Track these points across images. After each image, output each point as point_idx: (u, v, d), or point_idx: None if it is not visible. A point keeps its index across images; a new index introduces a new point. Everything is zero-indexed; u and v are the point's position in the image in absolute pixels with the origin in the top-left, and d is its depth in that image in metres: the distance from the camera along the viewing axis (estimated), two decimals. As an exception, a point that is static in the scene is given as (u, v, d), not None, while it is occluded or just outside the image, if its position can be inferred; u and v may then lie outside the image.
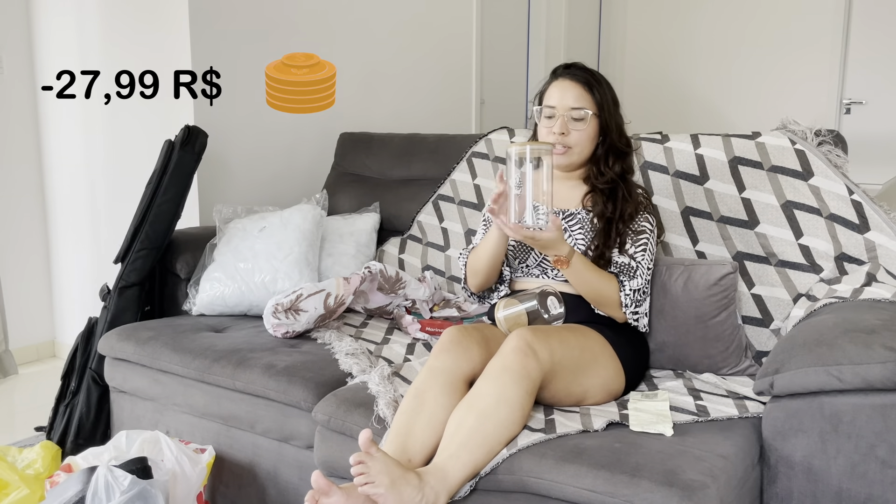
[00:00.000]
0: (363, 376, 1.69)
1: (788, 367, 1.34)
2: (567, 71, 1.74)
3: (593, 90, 1.71)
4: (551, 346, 1.46)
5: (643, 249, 1.69)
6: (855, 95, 4.67)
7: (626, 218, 1.70)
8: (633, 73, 5.44)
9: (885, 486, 1.27)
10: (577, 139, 1.71)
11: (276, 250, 2.21)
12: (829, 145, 1.82)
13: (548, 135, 1.72)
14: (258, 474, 1.82)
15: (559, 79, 1.74)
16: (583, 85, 1.71)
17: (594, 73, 1.74)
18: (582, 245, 1.70)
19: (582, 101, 1.70)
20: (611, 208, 1.71)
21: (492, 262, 1.71)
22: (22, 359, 3.18)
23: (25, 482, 1.76)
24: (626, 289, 1.66)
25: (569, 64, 1.76)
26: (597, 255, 1.68)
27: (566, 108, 1.69)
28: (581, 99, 1.70)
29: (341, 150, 2.85)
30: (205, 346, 1.92)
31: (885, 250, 1.70)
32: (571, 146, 1.71)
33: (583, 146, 1.72)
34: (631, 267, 1.66)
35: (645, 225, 1.72)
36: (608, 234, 1.69)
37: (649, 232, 1.72)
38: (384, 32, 3.36)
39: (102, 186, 2.98)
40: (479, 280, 1.77)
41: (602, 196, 1.73)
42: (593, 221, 1.72)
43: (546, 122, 1.72)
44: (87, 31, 2.90)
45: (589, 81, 1.71)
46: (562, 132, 1.69)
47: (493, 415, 1.36)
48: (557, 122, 1.69)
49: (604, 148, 1.74)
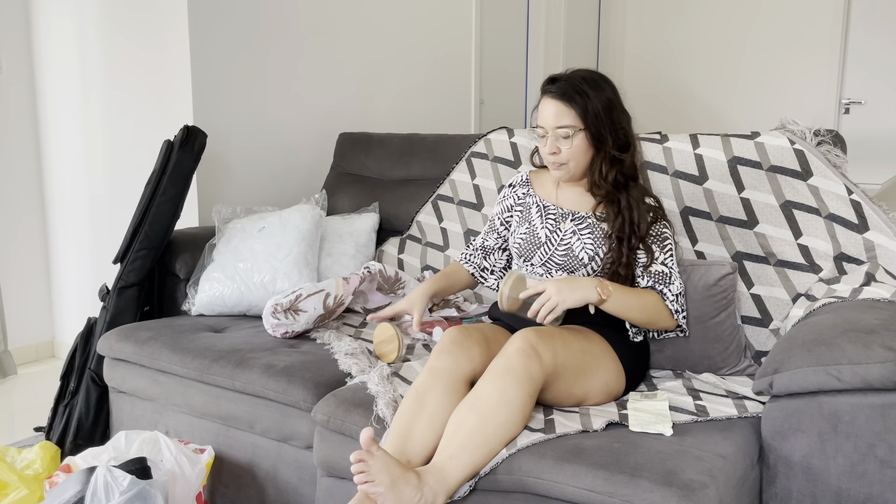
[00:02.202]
0: (362, 376, 1.69)
1: (787, 367, 1.34)
2: (550, 86, 1.67)
3: (575, 104, 1.63)
4: (554, 348, 1.46)
5: (670, 254, 1.69)
6: (854, 95, 4.68)
7: (641, 232, 1.67)
8: (632, 74, 5.44)
9: (885, 485, 1.27)
10: (570, 155, 1.67)
11: (275, 250, 2.21)
12: (828, 145, 1.82)
13: (545, 155, 1.71)
14: (257, 474, 1.82)
15: (544, 96, 1.69)
16: (563, 101, 1.64)
17: (576, 84, 1.64)
18: (590, 249, 1.69)
19: (564, 118, 1.64)
20: (619, 224, 1.67)
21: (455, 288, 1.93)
22: (21, 359, 3.18)
23: (25, 482, 1.75)
24: (668, 296, 1.65)
25: (552, 78, 1.69)
26: (612, 271, 1.67)
27: (552, 127, 1.66)
28: (563, 116, 1.64)
29: (340, 151, 2.85)
30: (204, 346, 1.92)
31: (885, 250, 1.70)
32: (565, 162, 1.68)
33: (577, 160, 1.68)
34: (664, 273, 1.66)
35: (665, 231, 1.71)
36: (620, 251, 1.67)
37: (671, 236, 1.72)
38: (384, 32, 3.36)
39: (102, 186, 2.98)
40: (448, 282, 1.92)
41: (612, 207, 1.70)
42: (605, 230, 1.71)
43: (541, 140, 1.71)
44: (86, 32, 2.90)
45: (569, 95, 1.64)
46: (552, 151, 1.67)
47: (494, 416, 1.36)
48: (548, 141, 1.67)
49: (599, 157, 1.69)
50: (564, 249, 1.71)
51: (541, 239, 1.74)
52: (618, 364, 1.60)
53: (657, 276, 1.66)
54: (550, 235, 1.73)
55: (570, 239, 1.71)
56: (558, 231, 1.73)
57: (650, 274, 1.66)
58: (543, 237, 1.73)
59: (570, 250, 1.70)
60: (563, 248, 1.71)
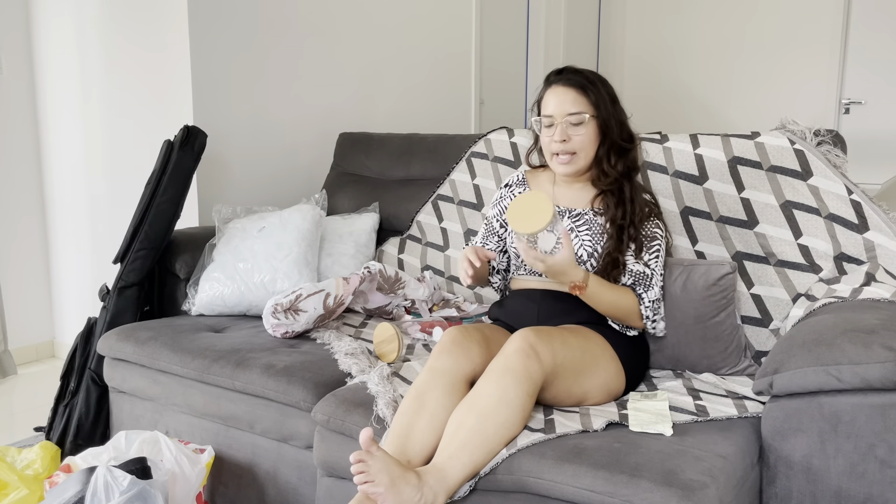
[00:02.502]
0: (362, 376, 1.69)
1: (787, 367, 1.34)
2: (559, 77, 1.72)
3: (588, 92, 1.69)
4: (553, 347, 1.46)
5: (656, 256, 1.69)
6: (854, 95, 4.68)
7: (637, 221, 1.70)
8: (632, 74, 5.44)
9: (885, 485, 1.27)
10: (580, 143, 1.69)
11: (275, 250, 2.21)
12: (828, 145, 1.82)
13: (550, 144, 1.71)
14: (257, 474, 1.82)
15: (552, 86, 1.72)
16: (576, 89, 1.69)
17: (586, 75, 1.72)
18: (588, 246, 1.70)
19: (577, 105, 1.68)
20: (620, 213, 1.70)
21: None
22: (21, 359, 3.18)
23: (25, 482, 1.75)
24: (644, 301, 1.66)
25: (560, 69, 1.74)
26: (610, 261, 1.68)
27: (563, 114, 1.68)
28: (576, 103, 1.68)
29: (340, 151, 2.85)
30: (204, 346, 1.92)
31: (885, 250, 1.70)
32: (575, 151, 1.70)
33: (586, 150, 1.71)
34: (646, 276, 1.66)
35: (656, 231, 1.72)
36: (620, 239, 1.68)
37: (661, 237, 1.72)
38: (384, 32, 3.36)
39: (102, 186, 2.98)
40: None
41: (611, 198, 1.72)
42: (602, 224, 1.72)
43: (546, 131, 1.72)
44: (86, 31, 2.90)
45: (582, 84, 1.69)
46: (562, 139, 1.68)
47: (494, 415, 1.36)
48: (557, 130, 1.69)
49: (605, 147, 1.72)
50: None
51: None
52: (617, 364, 1.60)
53: (638, 277, 1.67)
54: None
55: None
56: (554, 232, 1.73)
57: (632, 274, 1.67)
58: None
59: None
60: None
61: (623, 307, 1.64)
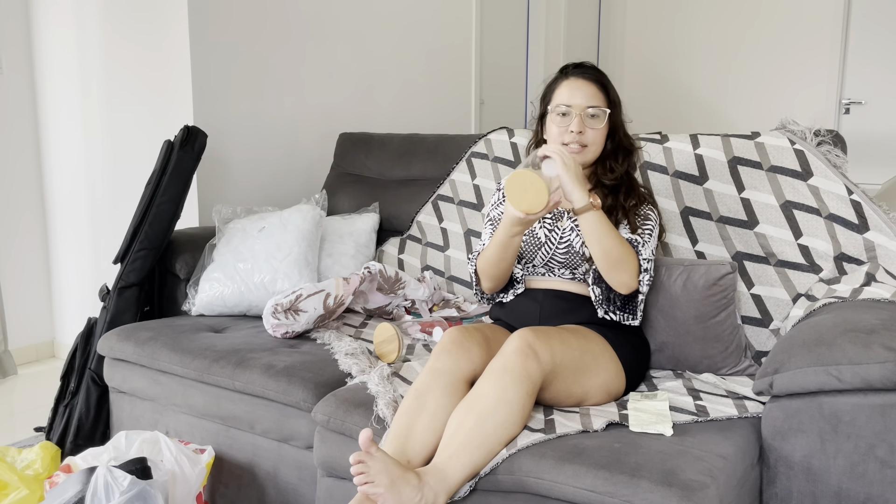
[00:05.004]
0: (363, 376, 1.69)
1: (788, 367, 1.34)
2: (579, 70, 1.75)
3: (607, 89, 1.73)
4: (552, 347, 1.46)
5: (649, 231, 1.70)
6: (854, 95, 4.68)
7: (629, 208, 1.72)
8: (632, 73, 5.44)
9: (885, 485, 1.27)
10: (593, 137, 1.71)
11: (275, 250, 2.21)
12: (829, 145, 1.82)
13: (562, 133, 1.70)
14: (258, 475, 1.82)
15: (571, 78, 1.74)
16: (597, 84, 1.72)
17: (603, 73, 1.77)
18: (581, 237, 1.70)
19: (597, 99, 1.71)
20: (611, 200, 1.73)
21: (504, 262, 1.68)
22: (21, 359, 3.18)
23: (25, 483, 1.75)
24: (642, 253, 1.64)
25: (579, 63, 1.77)
26: None
27: (582, 106, 1.70)
28: (596, 97, 1.71)
29: (341, 151, 2.85)
30: (204, 346, 1.92)
31: (885, 250, 1.70)
32: (588, 144, 1.71)
33: (597, 144, 1.73)
34: (637, 241, 1.66)
35: (649, 213, 1.74)
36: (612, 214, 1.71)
37: (654, 220, 1.73)
38: (384, 33, 3.36)
39: (102, 186, 2.98)
40: (493, 283, 1.74)
41: (606, 191, 1.74)
42: None
43: (560, 120, 1.71)
44: (86, 30, 2.90)
45: (602, 80, 1.74)
46: (580, 130, 1.69)
47: (493, 415, 1.36)
48: (574, 120, 1.69)
49: (612, 145, 1.75)
50: (565, 247, 1.71)
51: (540, 240, 1.73)
52: (617, 364, 1.60)
53: (632, 240, 1.66)
54: (549, 235, 1.73)
55: (569, 235, 1.71)
56: (557, 229, 1.73)
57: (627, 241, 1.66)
58: (543, 237, 1.73)
59: (571, 247, 1.70)
60: (563, 246, 1.71)
61: (625, 251, 1.60)
